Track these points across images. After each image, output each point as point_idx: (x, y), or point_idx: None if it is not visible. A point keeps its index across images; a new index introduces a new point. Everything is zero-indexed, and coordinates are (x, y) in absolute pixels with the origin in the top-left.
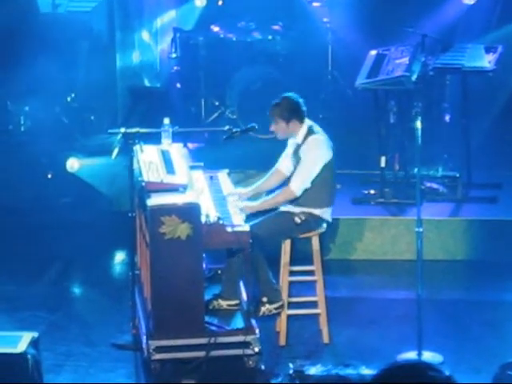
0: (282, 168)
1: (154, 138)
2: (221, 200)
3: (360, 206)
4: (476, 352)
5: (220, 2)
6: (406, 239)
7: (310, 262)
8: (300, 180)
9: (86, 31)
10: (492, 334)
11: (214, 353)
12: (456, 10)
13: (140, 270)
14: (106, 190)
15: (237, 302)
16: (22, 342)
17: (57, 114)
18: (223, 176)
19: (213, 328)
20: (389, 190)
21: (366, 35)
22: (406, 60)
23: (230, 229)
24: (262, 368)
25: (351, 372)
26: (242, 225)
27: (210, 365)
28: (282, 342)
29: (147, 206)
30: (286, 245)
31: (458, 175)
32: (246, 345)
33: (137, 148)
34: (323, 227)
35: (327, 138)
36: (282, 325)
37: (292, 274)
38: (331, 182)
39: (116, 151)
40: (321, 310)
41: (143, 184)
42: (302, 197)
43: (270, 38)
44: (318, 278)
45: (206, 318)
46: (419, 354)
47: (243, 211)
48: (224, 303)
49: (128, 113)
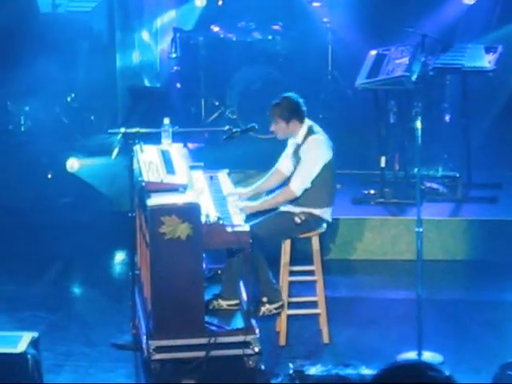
0: (282, 168)
1: (154, 138)
2: (221, 200)
3: (360, 205)
4: (476, 352)
5: (220, 2)
6: (406, 239)
7: (310, 261)
8: (300, 180)
9: (86, 31)
10: (492, 334)
11: (214, 353)
12: (456, 9)
13: (140, 270)
14: (106, 190)
15: (237, 301)
16: (22, 342)
17: (57, 114)
18: (223, 176)
19: (213, 328)
20: (389, 190)
21: (366, 35)
22: (405, 60)
23: (229, 229)
24: (262, 368)
25: (351, 372)
26: (241, 225)
27: (210, 365)
28: (282, 341)
29: (147, 206)
30: (286, 245)
31: (458, 175)
32: (246, 345)
33: (137, 148)
34: (323, 227)
35: (327, 137)
36: (282, 325)
37: (292, 273)
38: (331, 182)
39: (116, 151)
40: (321, 310)
41: (143, 184)
42: (302, 197)
43: (269, 38)
44: (318, 278)
45: (206, 318)
46: (419, 354)
47: (243, 211)
48: (224, 303)
49: (128, 113)
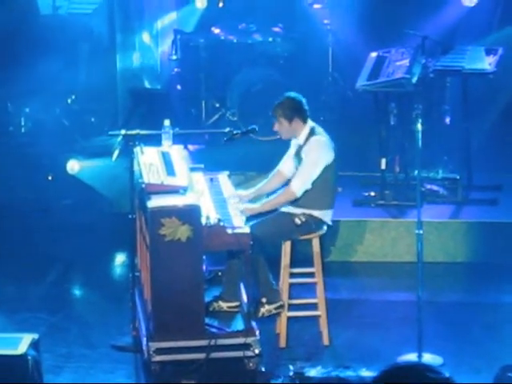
0: (284, 169)
1: (155, 140)
2: (221, 202)
3: (360, 207)
4: (476, 354)
5: (221, 4)
6: (407, 241)
7: (310, 263)
8: (301, 181)
9: (87, 33)
10: (492, 336)
11: (215, 355)
12: (456, 12)
13: (140, 272)
14: (106, 191)
15: (237, 303)
16: (22, 343)
17: (57, 116)
18: (224, 178)
19: (213, 330)
20: (389, 192)
21: (367, 37)
22: (406, 62)
23: (230, 231)
24: (263, 370)
25: (351, 374)
26: (242, 226)
27: (210, 367)
28: (283, 343)
29: (147, 208)
30: (287, 247)
31: (458, 177)
32: (246, 347)
33: (137, 150)
34: (323, 229)
35: (329, 139)
36: (282, 327)
37: (292, 275)
38: (332, 184)
39: (116, 153)
40: (321, 312)
41: (143, 186)
42: (303, 198)
43: (270, 39)
44: (319, 280)
45: (207, 320)
46: (419, 356)
47: (244, 213)
48: (224, 305)
49: (128, 115)
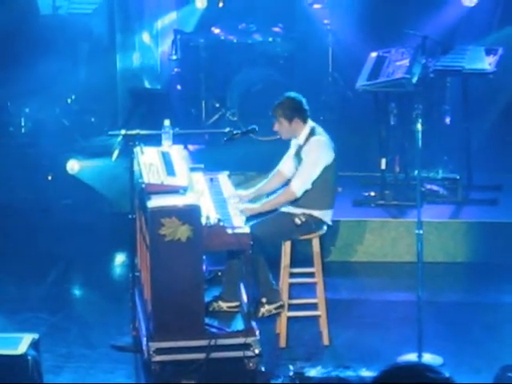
0: (284, 169)
1: (155, 140)
2: (221, 202)
3: (360, 207)
4: (476, 354)
5: (221, 4)
6: (407, 241)
7: (310, 263)
8: (301, 181)
9: (87, 33)
10: (492, 336)
11: (214, 355)
12: (456, 12)
13: (140, 272)
14: (106, 191)
15: (237, 303)
16: (22, 343)
17: (57, 116)
18: (224, 178)
19: (213, 330)
20: (389, 192)
21: (367, 37)
22: (406, 62)
23: (230, 230)
24: (263, 370)
25: (351, 374)
26: (242, 226)
27: (210, 367)
28: (283, 343)
29: (147, 208)
30: (287, 247)
31: (458, 177)
32: (246, 347)
33: (137, 150)
34: (323, 229)
35: (329, 139)
36: (282, 327)
37: (292, 275)
38: (332, 184)
39: (116, 153)
40: (321, 312)
41: (143, 186)
42: (303, 198)
43: (270, 39)
44: (319, 280)
45: (206, 320)
46: (419, 356)
47: (243, 213)
48: (224, 305)
49: (128, 115)
